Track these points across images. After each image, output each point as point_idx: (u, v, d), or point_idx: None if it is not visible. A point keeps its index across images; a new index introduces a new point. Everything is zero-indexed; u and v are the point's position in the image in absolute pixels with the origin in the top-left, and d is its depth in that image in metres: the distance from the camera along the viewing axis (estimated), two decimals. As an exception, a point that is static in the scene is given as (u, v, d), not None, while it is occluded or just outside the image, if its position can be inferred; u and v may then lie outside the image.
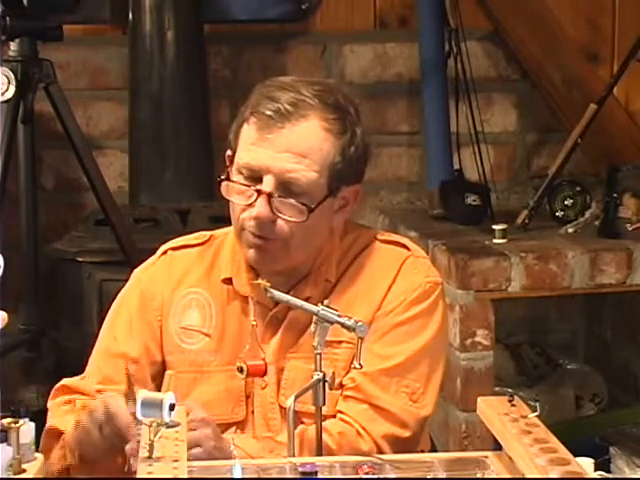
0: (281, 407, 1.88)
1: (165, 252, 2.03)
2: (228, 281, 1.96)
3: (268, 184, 1.83)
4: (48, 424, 1.92)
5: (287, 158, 1.83)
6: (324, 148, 1.85)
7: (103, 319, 2.04)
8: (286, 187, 1.83)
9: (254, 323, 1.92)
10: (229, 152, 1.92)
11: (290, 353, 1.90)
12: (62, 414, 1.92)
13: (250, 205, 1.85)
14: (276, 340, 1.92)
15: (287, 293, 1.86)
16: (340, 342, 1.88)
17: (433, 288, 1.95)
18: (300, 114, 1.83)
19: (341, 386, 1.89)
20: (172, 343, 1.96)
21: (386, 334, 1.91)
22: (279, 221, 1.85)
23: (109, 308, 2.04)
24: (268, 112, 1.83)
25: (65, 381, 1.98)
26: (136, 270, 2.06)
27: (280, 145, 1.83)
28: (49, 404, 1.98)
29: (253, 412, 1.91)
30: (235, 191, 1.87)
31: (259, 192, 1.83)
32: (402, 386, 1.89)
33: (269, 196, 1.83)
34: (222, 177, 1.89)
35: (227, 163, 1.92)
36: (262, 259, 1.89)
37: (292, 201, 1.83)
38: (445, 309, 1.98)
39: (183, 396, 1.91)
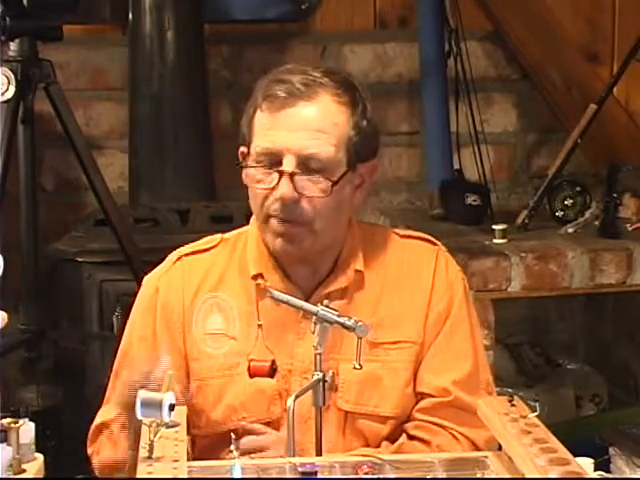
0: (339, 409, 1.90)
1: (179, 258, 2.01)
2: (258, 278, 1.95)
3: (289, 164, 1.84)
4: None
5: (304, 136, 1.84)
6: (339, 122, 1.87)
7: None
8: (307, 164, 1.85)
9: (260, 323, 1.93)
10: (242, 148, 1.93)
11: (337, 354, 1.89)
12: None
13: (273, 189, 1.86)
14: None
15: (318, 287, 1.92)
16: (394, 343, 1.91)
17: (462, 273, 2.03)
18: (312, 91, 1.86)
19: (414, 389, 1.93)
20: (197, 350, 1.95)
21: (454, 333, 1.96)
22: (303, 202, 1.85)
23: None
24: (281, 93, 1.85)
25: (102, 419, 1.95)
26: (147, 277, 2.03)
27: (295, 124, 1.84)
28: (90, 450, 1.95)
29: (286, 410, 1.89)
30: (256, 180, 1.88)
31: (281, 173, 1.85)
32: (480, 383, 1.96)
33: (291, 175, 1.84)
34: (241, 164, 1.90)
35: (241, 159, 1.93)
36: (289, 246, 1.89)
37: (314, 177, 1.85)
38: None
39: (215, 402, 1.93)
